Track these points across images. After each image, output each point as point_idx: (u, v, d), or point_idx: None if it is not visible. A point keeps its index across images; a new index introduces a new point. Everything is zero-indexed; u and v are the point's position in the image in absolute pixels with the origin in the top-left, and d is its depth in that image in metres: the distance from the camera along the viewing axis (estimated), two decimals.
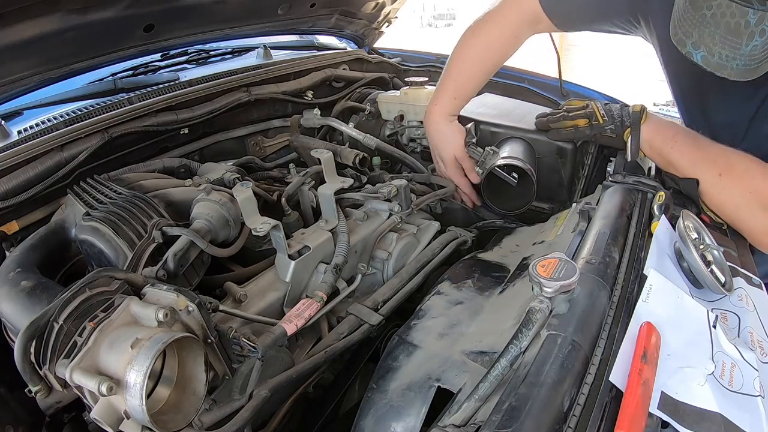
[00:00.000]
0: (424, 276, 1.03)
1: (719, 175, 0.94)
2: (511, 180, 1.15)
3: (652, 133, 1.04)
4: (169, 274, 0.85)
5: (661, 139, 1.03)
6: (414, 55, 2.13)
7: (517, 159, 1.13)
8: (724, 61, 0.76)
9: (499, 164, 1.14)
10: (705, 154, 0.97)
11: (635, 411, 0.52)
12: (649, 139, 1.04)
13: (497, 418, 0.52)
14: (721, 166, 0.94)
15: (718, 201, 0.95)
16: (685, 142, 1.00)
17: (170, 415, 0.63)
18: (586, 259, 0.74)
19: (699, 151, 0.98)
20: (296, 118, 1.64)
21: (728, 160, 0.94)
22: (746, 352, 0.65)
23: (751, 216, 0.92)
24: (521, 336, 0.60)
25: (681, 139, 1.01)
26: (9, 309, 0.81)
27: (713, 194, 0.95)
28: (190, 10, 1.33)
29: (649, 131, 1.05)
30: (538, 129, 1.24)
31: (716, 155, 0.96)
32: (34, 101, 1.32)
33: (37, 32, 1.05)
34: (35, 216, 1.12)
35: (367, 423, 0.70)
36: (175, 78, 1.48)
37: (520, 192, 1.19)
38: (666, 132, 1.03)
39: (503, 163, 1.13)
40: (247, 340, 0.73)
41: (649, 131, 1.05)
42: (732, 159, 0.94)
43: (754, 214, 0.91)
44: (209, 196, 0.98)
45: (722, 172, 0.94)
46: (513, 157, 1.14)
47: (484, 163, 1.19)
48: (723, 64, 0.77)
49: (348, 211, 1.15)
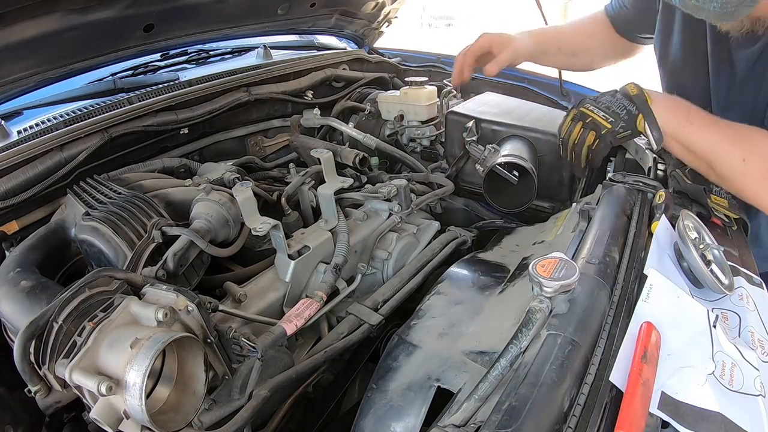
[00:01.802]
0: (424, 276, 1.03)
1: (743, 161, 0.87)
2: (511, 178, 1.15)
3: (666, 114, 0.94)
4: (169, 274, 0.85)
5: (675, 121, 0.93)
6: (414, 55, 2.13)
7: (518, 157, 1.13)
8: (701, 3, 0.74)
9: (500, 162, 1.14)
10: (723, 134, 0.89)
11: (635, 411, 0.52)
12: (662, 123, 0.93)
13: (497, 418, 0.52)
14: (744, 148, 0.87)
15: (742, 186, 0.89)
16: (702, 122, 0.91)
17: (170, 415, 0.63)
18: (586, 259, 0.74)
19: (717, 132, 0.90)
20: (296, 118, 1.64)
21: (749, 141, 0.88)
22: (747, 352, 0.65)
23: None
24: (521, 336, 0.60)
25: (696, 119, 0.92)
26: (8, 309, 0.81)
27: (736, 179, 0.89)
28: (190, 10, 1.33)
29: (661, 112, 0.94)
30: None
31: (735, 135, 0.89)
32: (34, 101, 1.31)
33: (37, 32, 1.05)
34: (35, 216, 1.12)
35: (367, 423, 0.70)
36: (174, 78, 1.48)
37: (521, 190, 1.19)
38: (679, 111, 0.93)
39: (504, 161, 1.13)
40: (247, 340, 0.73)
41: (661, 112, 0.94)
42: (753, 139, 0.88)
43: None
44: (209, 196, 0.98)
45: (746, 156, 0.87)
46: (514, 155, 1.14)
47: (485, 161, 1.19)
48: (700, 6, 0.74)
49: (348, 210, 1.15)
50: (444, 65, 1.99)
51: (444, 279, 0.96)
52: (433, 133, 1.52)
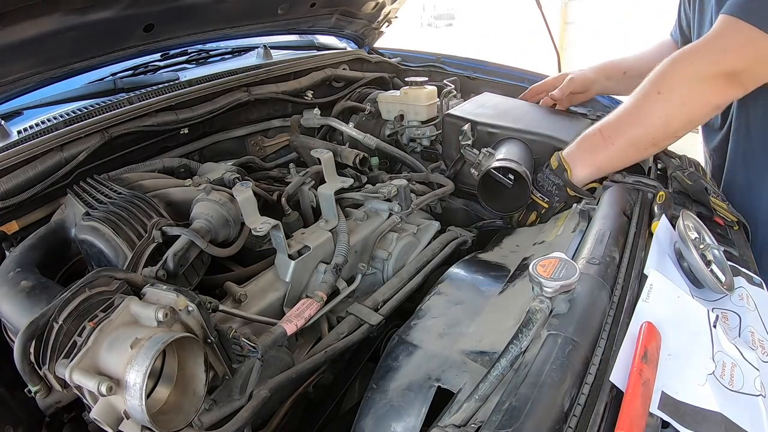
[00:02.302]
0: (424, 276, 1.03)
1: (659, 93, 0.94)
2: (506, 182, 1.15)
3: (587, 156, 1.03)
4: (169, 274, 0.85)
5: (599, 151, 1.01)
6: (414, 55, 2.12)
7: (512, 161, 1.12)
8: None
9: (494, 166, 1.14)
10: (628, 104, 0.98)
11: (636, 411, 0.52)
12: (591, 164, 1.03)
13: (497, 418, 0.52)
14: (652, 88, 0.95)
15: (679, 111, 0.94)
16: (613, 123, 1.00)
17: (170, 415, 0.63)
18: (587, 259, 0.74)
19: (626, 110, 0.98)
20: (296, 118, 1.64)
21: (652, 82, 0.95)
22: (747, 352, 0.65)
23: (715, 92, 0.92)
24: (521, 336, 0.60)
25: (607, 128, 1.00)
26: (9, 309, 0.81)
27: (669, 113, 0.94)
28: (190, 10, 1.33)
29: (581, 159, 1.03)
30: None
31: (637, 95, 0.97)
32: (34, 101, 1.31)
33: (37, 32, 1.05)
34: (35, 216, 1.12)
35: (367, 423, 0.70)
36: (175, 78, 1.47)
37: (516, 193, 1.19)
38: (595, 141, 1.02)
39: (498, 165, 1.13)
40: (247, 340, 0.72)
41: (582, 158, 1.03)
42: (654, 78, 0.95)
43: (715, 89, 0.91)
44: (209, 196, 0.98)
45: (658, 89, 0.94)
46: (508, 159, 1.13)
47: (479, 165, 1.19)
48: None
49: (348, 211, 1.14)
50: (444, 65, 1.99)
51: (444, 279, 0.96)
52: (433, 133, 1.52)
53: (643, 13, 5.01)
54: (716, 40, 0.91)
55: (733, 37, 0.89)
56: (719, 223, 0.98)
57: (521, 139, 1.24)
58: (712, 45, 0.92)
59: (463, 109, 1.36)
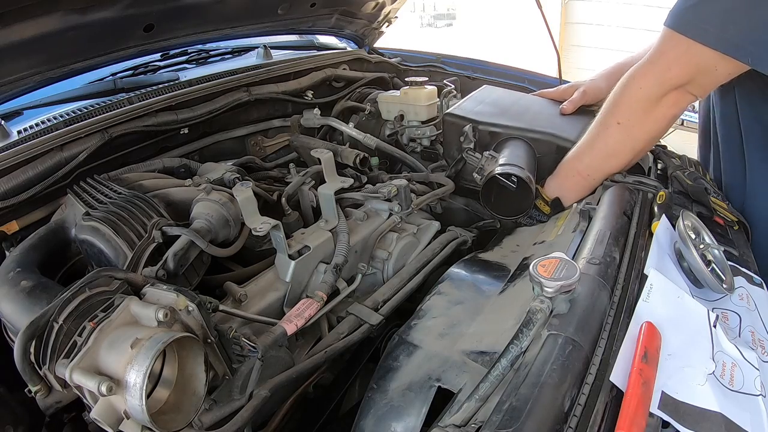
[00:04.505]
0: (424, 276, 1.03)
1: (618, 124, 0.99)
2: (510, 185, 1.14)
3: (571, 198, 1.10)
4: (169, 274, 0.85)
5: (577, 177, 1.09)
6: (414, 55, 2.12)
7: (516, 166, 1.11)
8: None
9: (497, 172, 1.13)
10: (592, 132, 1.05)
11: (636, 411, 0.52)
12: (570, 192, 1.10)
13: (498, 418, 0.52)
14: (608, 119, 1.01)
15: (639, 134, 1.00)
16: (582, 150, 1.07)
17: (170, 415, 0.63)
18: (587, 259, 0.74)
19: (590, 137, 1.06)
20: (296, 118, 1.64)
21: (609, 111, 1.01)
22: (747, 352, 0.65)
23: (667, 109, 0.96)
24: (522, 336, 0.60)
25: (584, 169, 1.07)
26: (9, 309, 0.81)
27: (640, 139, 1.00)
28: (190, 10, 1.33)
29: (567, 201, 1.11)
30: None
31: (597, 122, 1.04)
32: (34, 101, 1.31)
33: (37, 32, 1.05)
34: (35, 216, 1.12)
35: (368, 423, 0.70)
36: (175, 78, 1.47)
37: (521, 195, 1.18)
38: (569, 174, 1.10)
39: (501, 172, 1.12)
40: (247, 340, 0.73)
41: (568, 201, 1.11)
42: (609, 108, 1.01)
43: (665, 107, 0.95)
44: (209, 196, 0.98)
45: (618, 120, 0.99)
46: (511, 164, 1.12)
47: (482, 169, 1.18)
48: None
49: (348, 211, 1.14)
50: (444, 65, 1.99)
51: (444, 279, 0.96)
52: (434, 133, 1.52)
53: (643, 13, 5.01)
54: (658, 58, 0.93)
55: (672, 52, 0.91)
56: (719, 223, 0.98)
57: (523, 137, 1.23)
58: (654, 65, 0.94)
59: (463, 108, 1.34)
